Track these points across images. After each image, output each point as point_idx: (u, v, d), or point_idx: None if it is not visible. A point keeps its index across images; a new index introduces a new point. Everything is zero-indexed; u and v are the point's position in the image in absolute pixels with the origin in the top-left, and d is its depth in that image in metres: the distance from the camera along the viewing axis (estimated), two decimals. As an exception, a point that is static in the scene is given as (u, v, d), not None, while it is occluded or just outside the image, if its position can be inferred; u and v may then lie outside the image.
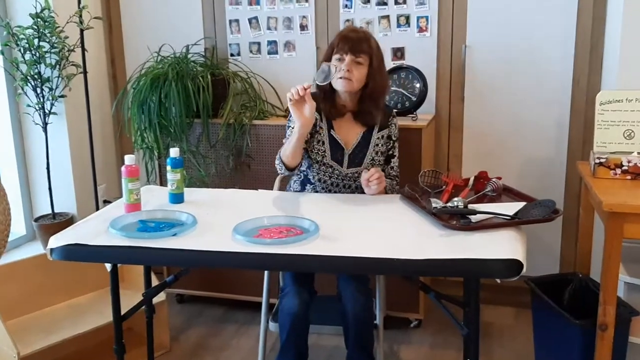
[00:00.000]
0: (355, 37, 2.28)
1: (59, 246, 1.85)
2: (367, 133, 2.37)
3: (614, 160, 2.26)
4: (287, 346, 2.20)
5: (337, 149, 2.35)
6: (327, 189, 2.39)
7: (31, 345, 2.42)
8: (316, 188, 2.39)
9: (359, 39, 2.28)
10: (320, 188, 2.39)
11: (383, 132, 2.39)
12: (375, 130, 2.37)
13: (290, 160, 2.26)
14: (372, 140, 2.36)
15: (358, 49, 2.27)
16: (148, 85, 2.95)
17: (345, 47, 2.26)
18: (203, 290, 3.21)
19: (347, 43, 2.26)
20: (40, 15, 3.02)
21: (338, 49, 2.28)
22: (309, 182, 2.41)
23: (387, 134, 2.40)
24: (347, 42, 2.26)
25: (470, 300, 1.89)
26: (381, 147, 2.38)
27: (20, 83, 3.09)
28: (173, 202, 2.20)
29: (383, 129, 2.39)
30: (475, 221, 1.89)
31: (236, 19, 3.26)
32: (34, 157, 3.37)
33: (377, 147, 2.37)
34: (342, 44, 2.27)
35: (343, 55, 2.26)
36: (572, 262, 2.98)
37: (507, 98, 2.98)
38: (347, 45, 2.26)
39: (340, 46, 2.27)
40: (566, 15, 2.81)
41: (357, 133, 2.37)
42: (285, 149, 2.25)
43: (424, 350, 2.83)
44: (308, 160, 2.37)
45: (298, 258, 1.74)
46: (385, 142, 2.40)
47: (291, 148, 2.22)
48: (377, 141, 2.37)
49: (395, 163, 2.44)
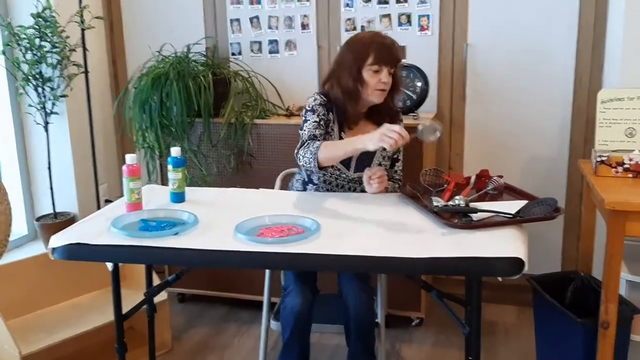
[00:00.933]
0: (390, 44, 2.22)
1: (61, 245, 1.85)
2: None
3: (615, 158, 2.26)
4: (290, 345, 2.20)
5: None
6: (330, 190, 2.37)
7: (33, 344, 2.42)
8: (319, 189, 2.38)
9: (394, 46, 2.23)
10: (323, 189, 2.37)
11: None
12: None
13: (329, 162, 2.17)
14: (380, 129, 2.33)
15: (395, 60, 2.24)
16: (149, 85, 2.95)
17: (384, 58, 2.20)
18: (204, 289, 3.22)
19: (385, 54, 2.20)
20: (42, 15, 3.02)
21: (377, 59, 2.19)
22: (312, 183, 2.39)
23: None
24: (385, 53, 2.21)
25: (472, 298, 1.89)
26: (388, 152, 2.37)
27: (22, 83, 3.09)
28: (174, 201, 2.20)
29: None
30: (477, 219, 1.89)
31: (237, 18, 3.26)
32: (35, 156, 3.37)
33: (384, 151, 2.35)
34: (381, 55, 2.20)
35: (381, 67, 2.20)
36: (574, 261, 2.98)
37: (509, 96, 2.98)
38: (386, 57, 2.20)
39: (379, 57, 2.19)
40: (568, 14, 2.81)
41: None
42: (333, 154, 2.13)
43: (425, 348, 2.83)
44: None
45: (300, 257, 1.74)
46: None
47: (342, 155, 2.15)
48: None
49: (399, 167, 2.42)
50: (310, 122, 2.24)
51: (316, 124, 2.24)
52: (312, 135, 2.22)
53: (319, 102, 2.27)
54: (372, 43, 2.21)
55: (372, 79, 2.21)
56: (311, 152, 2.13)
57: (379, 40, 2.23)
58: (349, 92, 2.24)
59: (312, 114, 2.26)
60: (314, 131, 2.23)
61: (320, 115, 2.26)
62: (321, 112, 2.26)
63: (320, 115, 2.26)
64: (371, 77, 2.21)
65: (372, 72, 2.21)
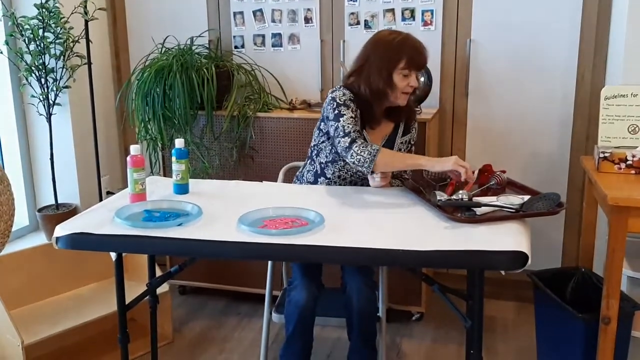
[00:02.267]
0: (423, 52, 2.21)
1: (65, 235, 1.85)
2: (390, 137, 2.34)
3: (618, 154, 2.26)
4: (294, 338, 2.21)
5: None
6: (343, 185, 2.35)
7: (35, 334, 2.43)
8: (330, 184, 2.35)
9: (425, 53, 2.23)
10: (336, 184, 2.35)
11: (406, 137, 2.37)
12: (399, 135, 2.35)
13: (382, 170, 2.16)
14: (395, 145, 2.34)
15: (424, 65, 2.26)
16: (152, 77, 2.95)
17: (416, 63, 2.20)
18: (205, 282, 3.22)
19: (417, 59, 2.20)
20: (45, 5, 3.02)
21: (408, 64, 2.18)
22: (324, 176, 2.36)
23: (409, 138, 2.39)
24: (417, 59, 2.20)
25: (474, 292, 1.89)
26: (403, 151, 2.37)
27: (25, 74, 3.09)
28: (178, 192, 2.20)
29: (406, 133, 2.37)
30: (480, 214, 1.89)
31: (241, 11, 3.26)
32: (37, 147, 3.37)
33: (400, 151, 2.35)
34: (413, 60, 2.19)
35: (412, 72, 2.20)
36: (575, 257, 2.98)
37: (511, 92, 2.98)
38: (417, 62, 2.21)
39: (412, 63, 2.19)
40: (571, 9, 2.81)
41: (383, 136, 2.34)
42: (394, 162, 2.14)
43: (425, 343, 2.84)
44: (333, 155, 2.30)
45: (303, 249, 1.74)
46: (406, 146, 2.39)
47: (402, 167, 2.19)
48: (400, 145, 2.35)
49: None
50: (348, 117, 2.19)
51: (353, 120, 2.20)
52: (358, 132, 2.18)
53: (349, 97, 2.24)
54: (405, 47, 2.19)
55: (402, 83, 2.20)
56: (369, 152, 2.09)
57: (412, 44, 2.21)
58: (378, 93, 2.22)
59: (347, 109, 2.20)
60: (356, 127, 2.19)
61: (354, 111, 2.22)
62: (353, 107, 2.23)
63: (353, 110, 2.22)
64: (401, 81, 2.20)
65: (402, 76, 2.20)
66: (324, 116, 2.28)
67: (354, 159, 2.12)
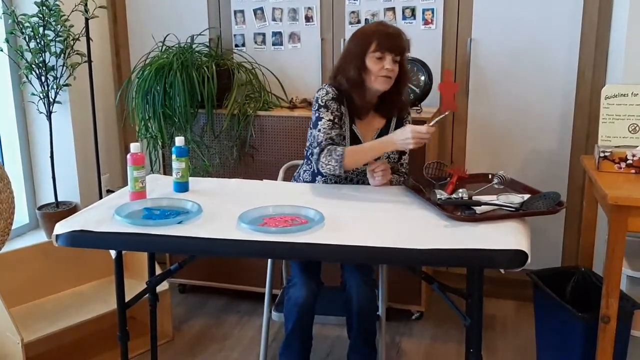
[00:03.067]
0: (394, 33, 2.22)
1: (65, 232, 1.85)
2: (383, 131, 2.35)
3: (618, 154, 2.26)
4: (293, 336, 2.21)
5: (356, 144, 2.31)
6: (339, 183, 2.36)
7: (35, 332, 2.43)
8: (327, 181, 2.36)
9: (399, 35, 2.23)
10: (332, 182, 2.36)
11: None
12: (392, 128, 2.35)
13: (355, 167, 2.22)
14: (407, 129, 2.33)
15: (399, 48, 2.23)
16: (152, 75, 2.95)
17: (387, 45, 2.19)
18: (205, 280, 3.22)
19: (388, 41, 2.20)
20: (46, 3, 3.02)
21: (379, 47, 2.19)
22: (321, 175, 2.36)
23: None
24: (388, 41, 2.20)
25: (474, 291, 1.89)
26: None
27: (25, 71, 3.09)
28: (178, 190, 2.20)
29: (399, 126, 2.36)
30: (480, 212, 1.89)
31: (241, 10, 3.26)
32: (37, 145, 3.37)
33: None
34: (383, 42, 2.19)
35: (384, 54, 2.20)
36: (575, 256, 2.98)
37: (512, 91, 2.98)
38: (389, 43, 2.20)
39: (382, 44, 2.19)
40: (572, 8, 2.81)
41: (375, 130, 2.34)
42: (360, 159, 2.17)
43: (425, 342, 2.84)
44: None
45: (303, 247, 1.74)
46: None
47: (369, 160, 2.20)
48: None
49: (405, 160, 2.42)
50: (325, 122, 2.22)
51: (331, 124, 2.22)
52: (330, 139, 2.21)
53: (331, 95, 2.26)
54: (376, 32, 2.22)
55: (375, 66, 2.20)
56: (335, 159, 2.15)
57: (382, 28, 2.24)
58: (353, 81, 2.24)
59: (326, 111, 2.24)
60: (330, 133, 2.22)
61: (334, 112, 2.25)
62: (334, 107, 2.25)
63: (333, 111, 2.24)
64: (374, 64, 2.21)
65: (376, 59, 2.20)
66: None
67: (325, 169, 2.20)
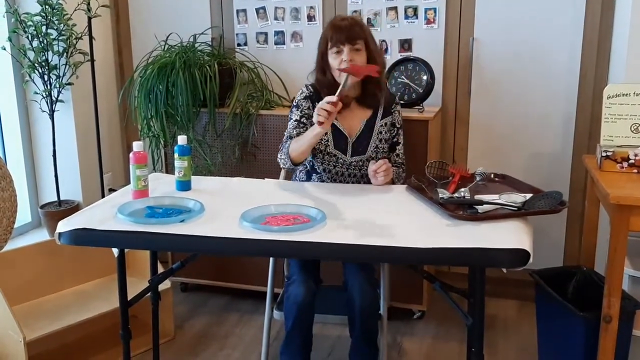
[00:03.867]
0: (347, 25, 2.24)
1: (67, 230, 1.86)
2: (370, 121, 2.36)
3: (620, 153, 2.26)
4: (293, 334, 2.21)
5: (340, 137, 2.35)
6: (332, 179, 2.39)
7: (37, 330, 2.43)
8: (322, 177, 2.40)
9: (351, 26, 2.25)
10: (326, 178, 2.40)
11: (386, 120, 2.38)
12: (379, 117, 2.37)
13: (300, 157, 2.27)
14: (375, 128, 2.36)
15: (353, 36, 2.24)
16: (155, 74, 2.95)
17: (340, 37, 2.23)
18: (207, 279, 3.23)
19: (341, 33, 2.23)
20: (49, 2, 3.02)
21: (333, 41, 2.24)
22: (315, 172, 2.41)
23: (391, 121, 2.40)
24: (340, 32, 2.23)
25: (476, 290, 1.89)
26: (385, 135, 2.38)
27: (28, 70, 3.10)
28: (180, 189, 2.20)
29: (386, 116, 2.38)
30: (482, 211, 1.90)
31: (243, 9, 3.26)
32: (40, 144, 3.38)
33: (381, 134, 2.37)
34: (335, 35, 2.23)
35: (340, 47, 2.23)
36: (577, 255, 2.98)
37: (514, 91, 2.98)
38: (342, 35, 2.23)
39: (335, 38, 2.23)
40: (574, 8, 2.81)
41: (361, 121, 2.36)
42: (299, 147, 2.23)
43: (426, 341, 2.84)
44: (313, 150, 2.36)
45: (305, 245, 1.74)
46: (389, 130, 2.39)
47: (306, 147, 2.22)
48: (380, 129, 2.37)
49: (400, 150, 2.43)
50: (292, 122, 2.36)
51: (296, 124, 2.35)
52: (289, 137, 2.33)
53: (304, 95, 2.37)
54: (329, 27, 2.28)
55: (335, 60, 2.26)
56: (284, 153, 2.30)
57: (334, 23, 2.29)
58: (322, 82, 2.33)
59: (296, 110, 2.37)
60: (292, 132, 2.34)
61: (304, 111, 2.35)
62: (305, 106, 2.35)
63: (303, 110, 2.35)
64: (334, 59, 2.26)
65: (335, 54, 2.25)
66: None
67: (281, 164, 2.35)
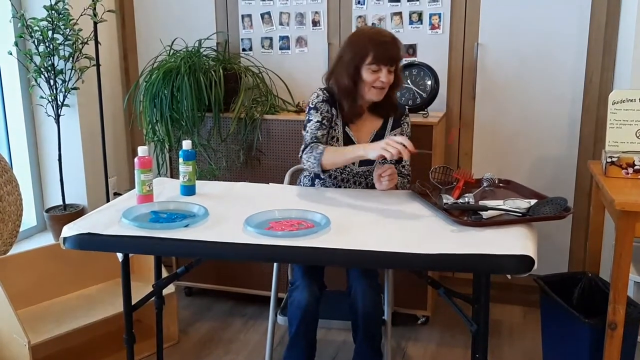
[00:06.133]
0: (391, 46, 2.20)
1: (72, 235, 1.86)
2: (380, 131, 2.36)
3: (625, 159, 2.26)
4: (296, 339, 2.21)
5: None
6: (337, 185, 2.39)
7: (42, 334, 2.44)
8: (326, 183, 2.40)
9: (393, 45, 2.21)
10: (330, 184, 2.39)
11: (396, 131, 2.38)
12: (388, 129, 2.36)
13: (332, 167, 2.23)
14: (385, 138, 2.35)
15: (394, 60, 2.23)
16: (160, 79, 2.96)
17: (383, 58, 2.19)
18: (211, 283, 3.23)
19: (385, 53, 2.19)
20: (55, 7, 3.04)
21: (375, 59, 2.18)
22: (319, 178, 2.41)
23: (400, 132, 2.39)
24: (385, 53, 2.19)
25: (480, 296, 1.89)
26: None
27: (34, 75, 3.11)
28: (184, 194, 2.21)
29: (396, 127, 2.38)
30: (487, 217, 1.89)
31: (249, 14, 3.27)
32: (46, 148, 3.39)
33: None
34: (380, 54, 2.18)
35: (380, 67, 2.19)
36: (582, 261, 2.97)
37: (519, 96, 2.97)
38: (385, 56, 2.19)
39: (379, 57, 2.18)
40: (580, 13, 2.80)
41: (371, 132, 2.35)
42: (335, 159, 2.17)
43: (431, 347, 2.83)
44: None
45: (309, 251, 1.75)
46: None
47: (342, 162, 2.21)
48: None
49: (406, 162, 2.43)
50: (313, 123, 2.27)
51: (318, 125, 2.27)
52: (315, 138, 2.25)
53: (322, 98, 2.30)
54: (372, 42, 2.20)
55: (371, 77, 2.21)
56: (315, 157, 2.19)
57: (379, 39, 2.21)
58: (345, 90, 2.26)
59: (315, 112, 2.28)
60: (316, 132, 2.26)
61: (324, 113, 2.28)
62: (324, 109, 2.28)
63: (323, 113, 2.28)
64: (370, 75, 2.21)
65: (371, 71, 2.21)
66: None
67: (306, 165, 2.25)
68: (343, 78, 2.25)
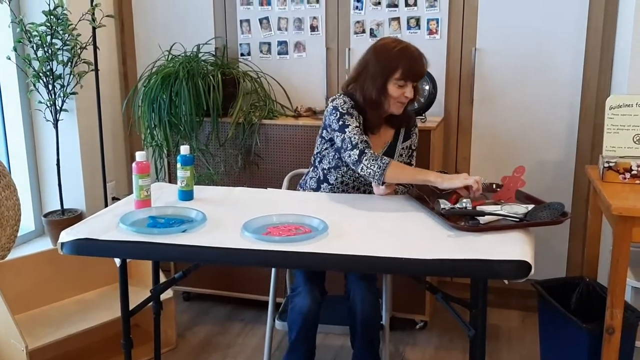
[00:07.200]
0: (420, 63, 2.21)
1: (70, 240, 1.87)
2: (392, 143, 2.36)
3: (623, 164, 2.26)
4: (297, 344, 2.21)
5: None
6: (345, 191, 2.37)
7: (39, 339, 2.43)
8: (333, 189, 2.37)
9: (422, 64, 2.22)
10: (338, 189, 2.36)
11: (406, 143, 2.39)
12: (400, 141, 2.37)
13: (392, 182, 2.19)
14: (396, 151, 2.36)
15: (422, 76, 2.25)
16: (159, 84, 2.97)
17: (412, 75, 2.19)
18: (209, 288, 3.23)
19: (413, 70, 2.20)
20: (54, 12, 3.04)
21: (404, 76, 2.18)
22: (327, 182, 2.37)
23: (409, 144, 2.41)
24: (413, 70, 2.19)
25: (478, 301, 1.89)
26: (404, 158, 2.40)
27: (32, 80, 3.12)
28: (182, 199, 2.21)
29: (407, 139, 2.39)
30: (484, 222, 1.90)
31: (247, 19, 3.27)
32: (44, 153, 3.40)
33: (401, 157, 2.38)
34: (408, 71, 2.18)
35: (407, 82, 2.20)
36: (579, 266, 2.97)
37: (517, 101, 2.98)
38: (413, 73, 2.20)
39: (407, 74, 2.18)
40: (577, 18, 2.81)
41: (385, 142, 2.36)
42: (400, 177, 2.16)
43: (429, 351, 2.83)
44: (336, 161, 2.32)
45: (306, 256, 1.75)
46: (407, 152, 2.40)
47: (408, 181, 2.20)
48: (401, 151, 2.38)
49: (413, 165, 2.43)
50: (354, 127, 2.20)
51: (359, 130, 2.21)
52: (366, 142, 2.19)
53: (350, 104, 2.26)
54: (402, 57, 2.19)
55: (396, 92, 2.21)
56: (379, 166, 2.12)
57: (409, 55, 2.21)
58: (371, 101, 2.24)
59: (351, 118, 2.23)
60: (363, 137, 2.20)
61: (357, 119, 2.25)
62: (356, 115, 2.25)
63: (357, 119, 2.24)
64: (395, 90, 2.21)
65: (397, 87, 2.20)
66: (326, 124, 2.30)
67: (364, 172, 2.15)
68: (370, 89, 2.23)
